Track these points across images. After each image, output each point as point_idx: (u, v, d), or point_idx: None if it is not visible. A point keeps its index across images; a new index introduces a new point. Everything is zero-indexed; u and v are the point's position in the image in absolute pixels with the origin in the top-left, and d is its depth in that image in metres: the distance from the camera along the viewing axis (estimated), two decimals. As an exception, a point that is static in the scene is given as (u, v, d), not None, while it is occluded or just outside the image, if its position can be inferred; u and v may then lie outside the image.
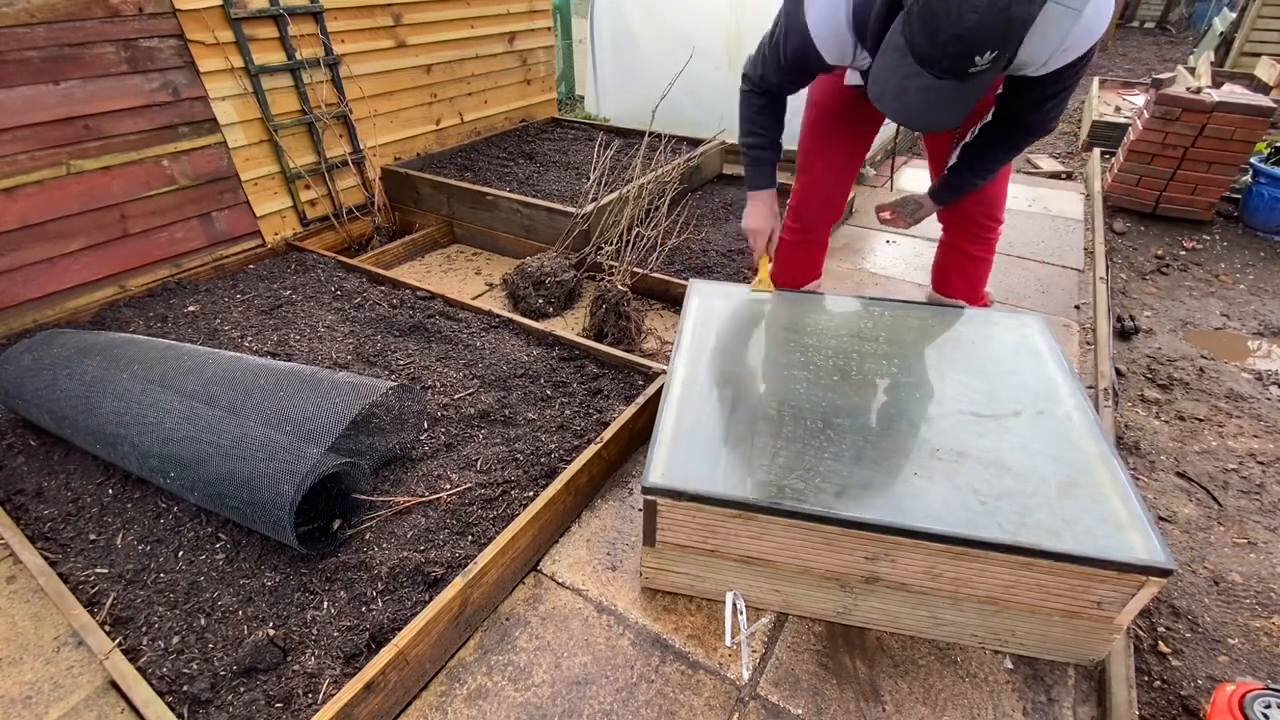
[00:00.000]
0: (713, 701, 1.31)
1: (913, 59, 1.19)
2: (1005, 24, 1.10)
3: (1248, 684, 1.13)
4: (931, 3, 1.12)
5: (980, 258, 2.09)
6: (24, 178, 2.23)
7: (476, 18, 3.73)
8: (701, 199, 3.60)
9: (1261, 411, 2.21)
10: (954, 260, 2.13)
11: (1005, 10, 1.08)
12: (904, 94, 1.24)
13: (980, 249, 2.07)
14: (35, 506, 1.68)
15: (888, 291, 2.84)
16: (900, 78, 1.23)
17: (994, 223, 2.01)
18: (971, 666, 1.37)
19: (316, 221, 3.17)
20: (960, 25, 1.10)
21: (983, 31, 1.10)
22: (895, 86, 1.25)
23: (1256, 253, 3.35)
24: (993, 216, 2.00)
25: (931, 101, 1.23)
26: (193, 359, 1.74)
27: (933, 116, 1.27)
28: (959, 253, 2.11)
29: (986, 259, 2.10)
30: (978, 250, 2.07)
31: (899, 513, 1.26)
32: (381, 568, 1.46)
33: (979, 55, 1.13)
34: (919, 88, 1.22)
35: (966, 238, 2.06)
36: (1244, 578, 1.64)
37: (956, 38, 1.11)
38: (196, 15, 2.49)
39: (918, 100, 1.24)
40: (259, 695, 1.24)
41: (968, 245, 2.07)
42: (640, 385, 2.05)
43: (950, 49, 1.13)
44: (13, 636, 1.42)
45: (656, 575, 1.49)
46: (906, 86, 1.23)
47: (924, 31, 1.14)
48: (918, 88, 1.22)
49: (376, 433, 1.78)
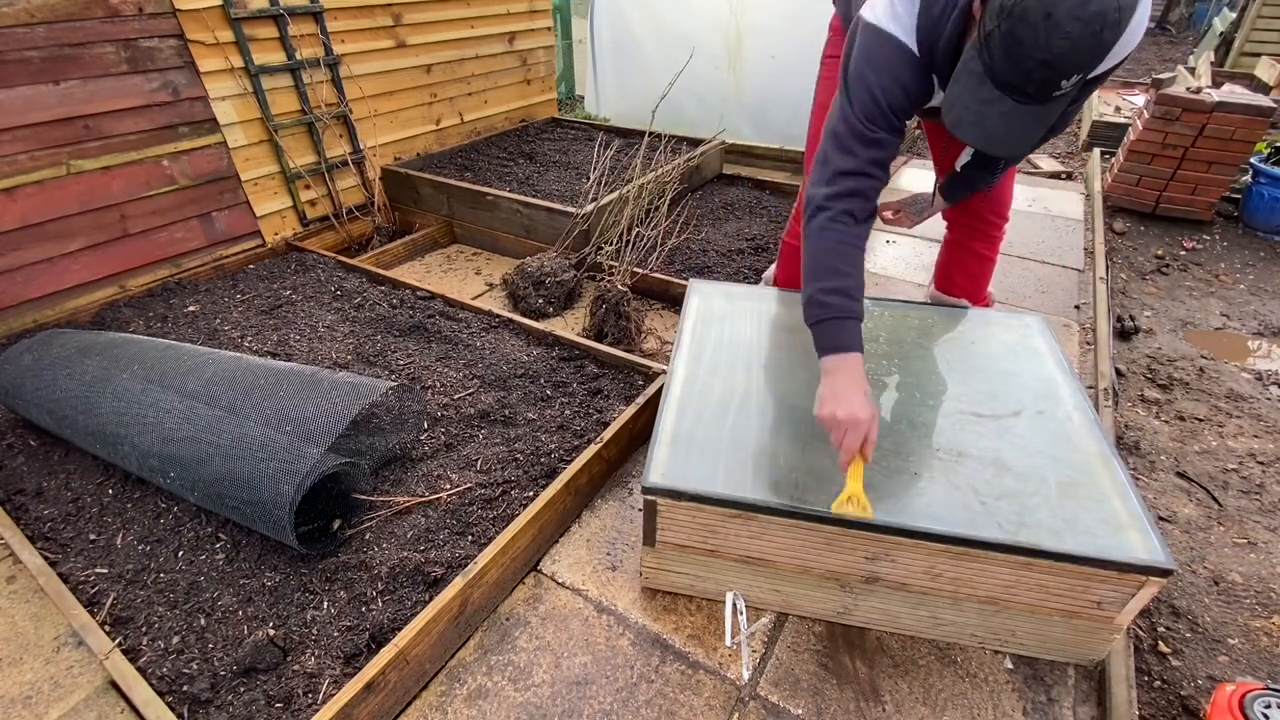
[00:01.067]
0: (713, 701, 1.31)
1: (992, 85, 1.15)
2: (1095, 48, 1.06)
3: (1248, 684, 1.13)
4: (1017, 30, 1.07)
5: (985, 256, 2.08)
6: (24, 178, 2.23)
7: (476, 18, 3.73)
8: (701, 199, 3.60)
9: (1261, 411, 2.21)
10: (959, 259, 2.12)
11: (1097, 35, 1.04)
12: (984, 120, 1.20)
13: (986, 247, 2.06)
14: (35, 506, 1.68)
15: (888, 291, 2.84)
16: (979, 103, 1.19)
17: (1001, 220, 2.00)
18: (971, 666, 1.37)
19: (316, 221, 3.17)
20: (1049, 53, 1.06)
21: (1074, 58, 1.06)
22: (974, 113, 1.20)
23: (1256, 253, 3.35)
24: (999, 214, 1.99)
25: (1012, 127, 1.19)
26: (193, 359, 1.74)
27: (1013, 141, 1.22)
28: (964, 251, 2.09)
29: (991, 258, 2.09)
30: (983, 249, 2.07)
31: (899, 513, 1.26)
32: (381, 568, 1.46)
33: (1065, 80, 1.10)
34: (1000, 113, 1.17)
35: (972, 235, 2.04)
36: (1244, 578, 1.64)
37: (1044, 64, 1.07)
38: (196, 15, 2.49)
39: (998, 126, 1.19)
40: (259, 695, 1.24)
41: (973, 243, 2.06)
42: (640, 385, 2.05)
43: (1037, 75, 1.09)
44: (13, 636, 1.42)
45: (656, 575, 1.49)
46: (986, 113, 1.19)
47: (1008, 58, 1.10)
48: (998, 113, 1.18)
49: (376, 433, 1.78)
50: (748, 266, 2.85)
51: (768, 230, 3.22)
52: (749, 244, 3.05)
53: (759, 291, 2.04)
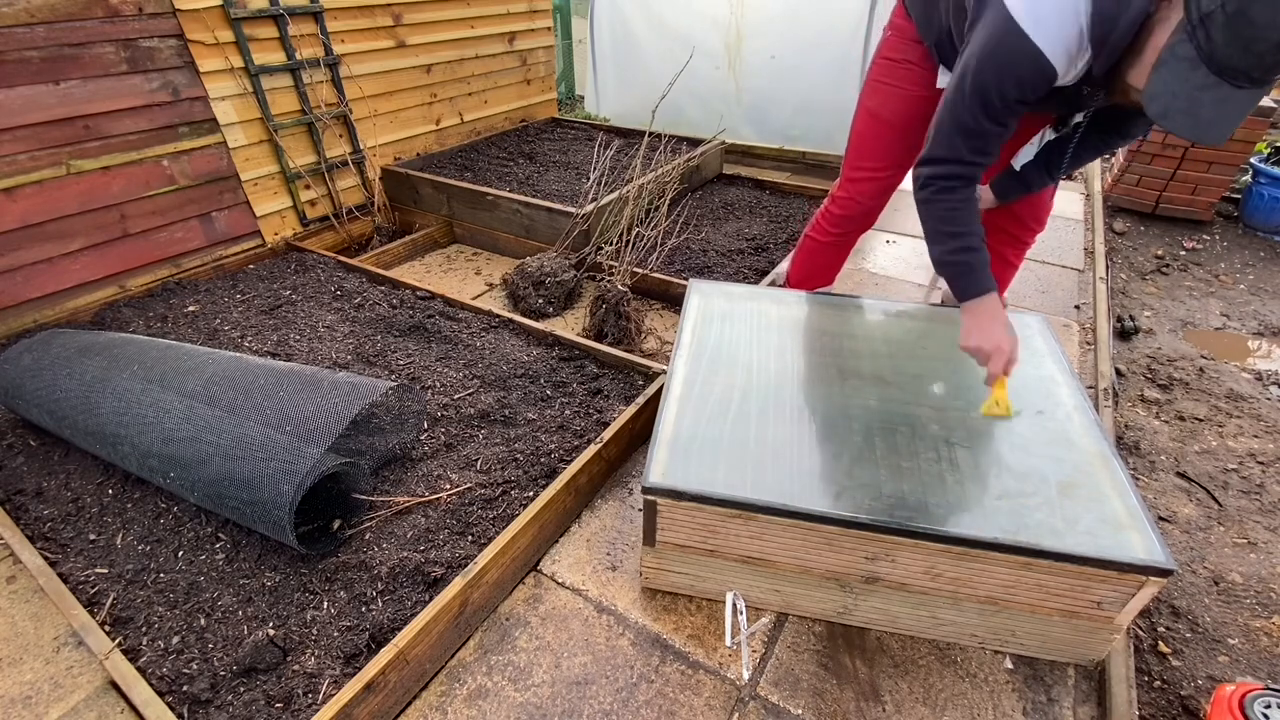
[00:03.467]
0: (713, 701, 1.31)
1: (1207, 70, 1.11)
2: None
3: (1248, 684, 1.13)
4: (1250, 11, 1.03)
5: (1013, 264, 2.03)
6: (24, 178, 2.23)
7: (476, 18, 3.73)
8: (701, 199, 3.60)
9: (1261, 411, 2.21)
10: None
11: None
12: (1196, 107, 1.15)
13: (1014, 254, 2.01)
14: (35, 506, 1.68)
15: (888, 291, 2.84)
16: (1191, 90, 1.14)
17: (1037, 227, 1.94)
18: (971, 666, 1.37)
19: (316, 221, 3.17)
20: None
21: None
22: (1185, 100, 1.16)
23: (1256, 253, 3.35)
24: (1038, 220, 1.92)
25: (1227, 112, 1.15)
26: (192, 359, 1.74)
27: (1226, 128, 1.18)
28: (995, 257, 1.96)
29: (1016, 265, 2.05)
30: (1012, 255, 2.00)
31: (900, 512, 1.26)
32: (381, 568, 1.46)
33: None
34: (1216, 99, 1.13)
35: (1004, 240, 1.97)
36: (1244, 578, 1.64)
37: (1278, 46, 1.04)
38: (196, 15, 2.49)
39: (1213, 112, 1.15)
40: (259, 695, 1.24)
41: (1004, 248, 1.98)
42: (640, 385, 2.05)
43: (1269, 59, 1.06)
44: (13, 636, 1.42)
45: (656, 575, 1.49)
46: (1200, 99, 1.14)
47: (1235, 41, 1.06)
48: (1214, 100, 1.13)
49: (376, 433, 1.78)
50: (748, 266, 2.85)
51: (768, 230, 3.22)
52: (749, 244, 3.05)
53: (759, 291, 2.04)
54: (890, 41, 1.81)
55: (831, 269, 2.30)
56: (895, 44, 1.79)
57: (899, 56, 1.79)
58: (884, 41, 1.83)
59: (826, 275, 2.32)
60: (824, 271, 2.30)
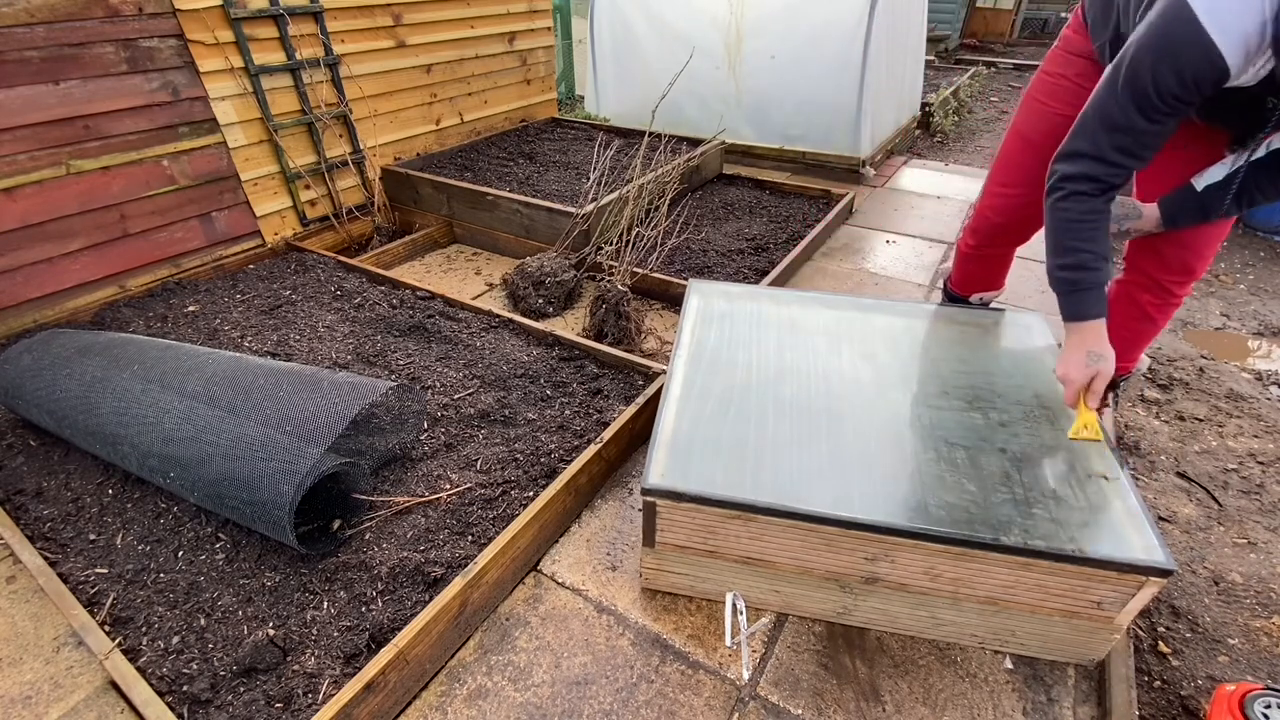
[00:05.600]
0: (713, 701, 1.31)
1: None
2: None
3: (1248, 684, 1.13)
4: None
5: (1152, 318, 1.71)
6: (24, 178, 2.23)
7: (476, 18, 3.73)
8: (701, 199, 3.60)
9: (1261, 411, 2.21)
10: (1120, 311, 1.71)
11: None
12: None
13: (1157, 308, 1.68)
14: (35, 506, 1.68)
15: (887, 291, 2.84)
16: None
17: (1190, 278, 1.63)
18: (971, 666, 1.37)
19: (316, 221, 3.17)
20: None
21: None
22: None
23: (1256, 253, 3.35)
24: (1189, 269, 1.61)
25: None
26: (192, 359, 1.74)
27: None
28: (1130, 304, 1.71)
29: (1159, 322, 1.72)
30: (1154, 308, 1.69)
31: (899, 513, 1.26)
32: (381, 568, 1.46)
33: None
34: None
35: (1147, 287, 1.68)
36: (1244, 578, 1.64)
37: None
38: (196, 15, 2.49)
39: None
40: (259, 695, 1.24)
41: (1143, 296, 1.68)
42: (640, 385, 2.05)
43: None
44: (13, 636, 1.42)
45: (656, 576, 1.49)
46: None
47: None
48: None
49: (376, 433, 1.78)
50: (748, 266, 2.85)
51: (767, 230, 3.22)
52: (749, 244, 3.05)
53: (759, 291, 2.04)
54: (1053, 55, 1.71)
55: (983, 278, 2.15)
56: (1056, 57, 1.69)
57: (1055, 70, 1.68)
58: (1047, 56, 1.73)
59: (982, 283, 2.17)
60: (977, 280, 2.16)
